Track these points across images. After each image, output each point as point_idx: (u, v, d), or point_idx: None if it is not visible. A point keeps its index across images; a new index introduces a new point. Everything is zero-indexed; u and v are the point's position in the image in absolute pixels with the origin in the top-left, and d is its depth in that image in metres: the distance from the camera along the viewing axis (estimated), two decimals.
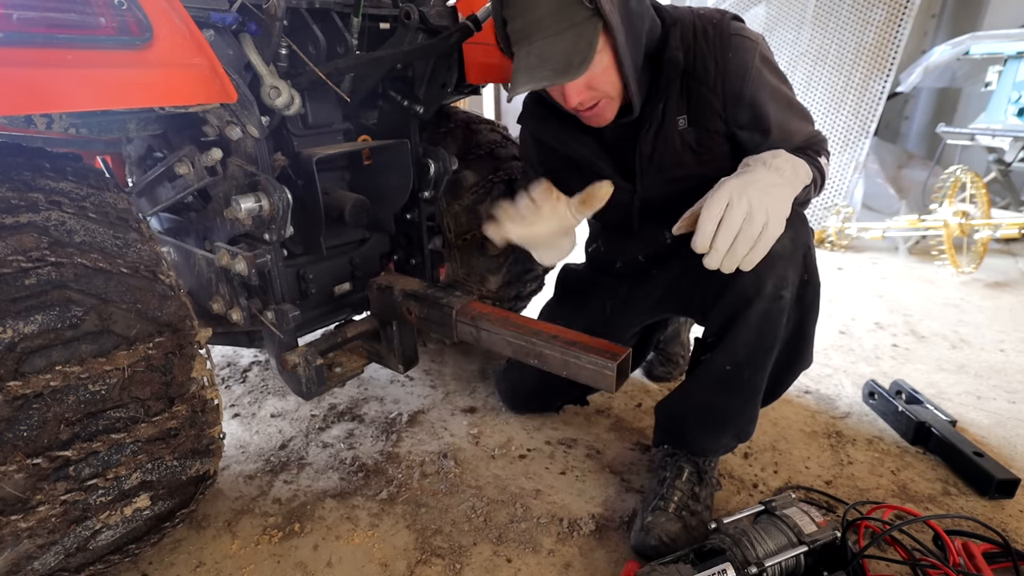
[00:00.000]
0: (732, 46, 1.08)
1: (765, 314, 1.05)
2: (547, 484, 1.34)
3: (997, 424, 1.53)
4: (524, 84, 0.98)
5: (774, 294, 1.04)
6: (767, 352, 1.09)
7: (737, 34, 1.08)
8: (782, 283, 1.03)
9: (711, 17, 1.11)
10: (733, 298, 1.07)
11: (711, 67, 1.09)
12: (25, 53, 0.72)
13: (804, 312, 1.08)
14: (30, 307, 0.79)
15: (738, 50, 1.08)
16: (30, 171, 0.90)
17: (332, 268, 1.41)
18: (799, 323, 1.09)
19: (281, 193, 1.04)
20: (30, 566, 0.85)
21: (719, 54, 1.08)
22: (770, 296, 1.04)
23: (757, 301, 1.04)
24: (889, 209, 3.32)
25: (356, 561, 1.13)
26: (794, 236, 1.03)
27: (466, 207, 1.61)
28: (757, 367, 1.10)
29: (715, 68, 1.09)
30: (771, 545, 0.98)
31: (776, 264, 1.02)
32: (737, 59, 1.08)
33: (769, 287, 1.03)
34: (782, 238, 0.98)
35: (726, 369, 1.11)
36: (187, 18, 0.85)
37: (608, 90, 1.05)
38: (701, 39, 1.09)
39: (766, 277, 1.03)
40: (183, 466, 0.99)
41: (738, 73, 1.08)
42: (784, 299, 1.04)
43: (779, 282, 1.03)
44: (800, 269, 1.05)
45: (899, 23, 3.00)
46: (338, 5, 1.20)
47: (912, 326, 2.17)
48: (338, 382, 1.31)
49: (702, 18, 1.11)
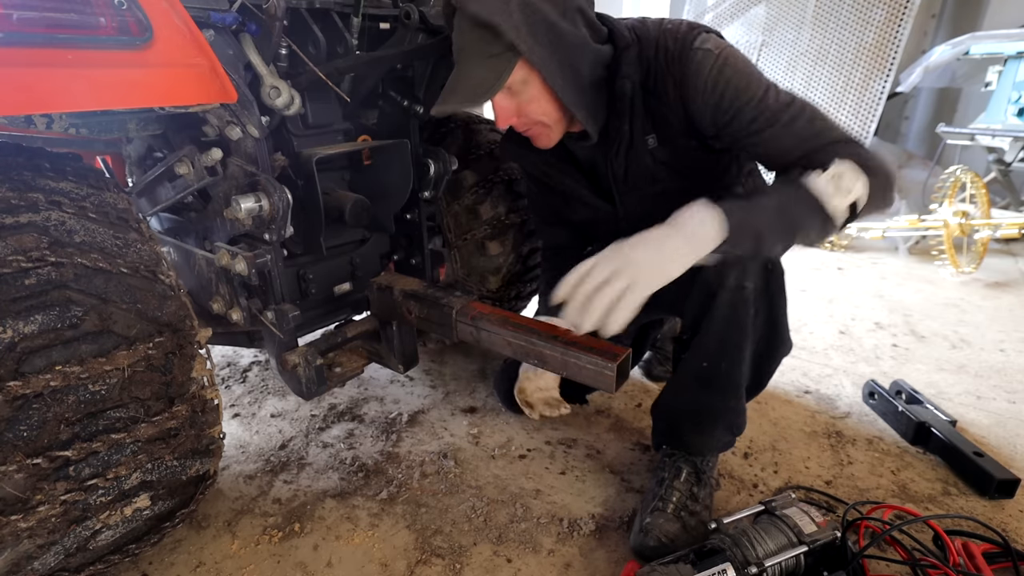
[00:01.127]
0: (693, 61, 1.03)
1: (731, 305, 1.06)
2: (547, 484, 1.34)
3: (997, 424, 1.53)
4: (440, 105, 1.03)
5: (736, 284, 1.05)
6: (739, 344, 1.09)
7: (699, 47, 1.03)
8: (743, 274, 1.04)
9: (675, 31, 1.06)
10: (699, 293, 1.09)
11: (669, 86, 1.06)
12: (25, 53, 0.72)
13: (771, 301, 1.09)
14: (30, 307, 0.79)
15: (699, 64, 1.03)
16: (30, 171, 0.90)
17: (332, 268, 1.41)
18: (769, 312, 1.09)
19: (281, 193, 1.04)
20: (30, 566, 0.85)
21: (678, 71, 1.05)
22: (732, 287, 1.05)
23: (721, 292, 1.05)
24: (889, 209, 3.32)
25: (356, 561, 1.13)
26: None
27: (466, 207, 1.61)
28: (733, 360, 1.10)
29: (673, 87, 1.06)
30: (771, 545, 0.98)
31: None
32: (697, 73, 1.03)
33: (731, 279, 1.05)
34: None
35: (703, 365, 1.12)
36: (187, 18, 0.85)
37: (540, 118, 1.08)
38: (661, 56, 1.06)
39: (727, 269, 1.04)
40: (183, 466, 0.99)
41: (696, 86, 1.04)
42: (747, 289, 1.05)
43: (740, 273, 1.04)
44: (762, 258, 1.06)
45: (899, 23, 3.00)
46: (338, 5, 1.20)
47: (912, 326, 2.17)
48: (338, 382, 1.31)
49: (667, 33, 1.07)
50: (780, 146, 1.03)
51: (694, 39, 1.04)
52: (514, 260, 1.69)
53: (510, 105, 1.06)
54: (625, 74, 1.07)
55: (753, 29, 3.55)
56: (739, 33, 3.61)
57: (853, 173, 0.93)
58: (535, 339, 0.99)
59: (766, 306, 1.08)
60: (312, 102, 1.25)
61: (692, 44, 1.03)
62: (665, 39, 1.06)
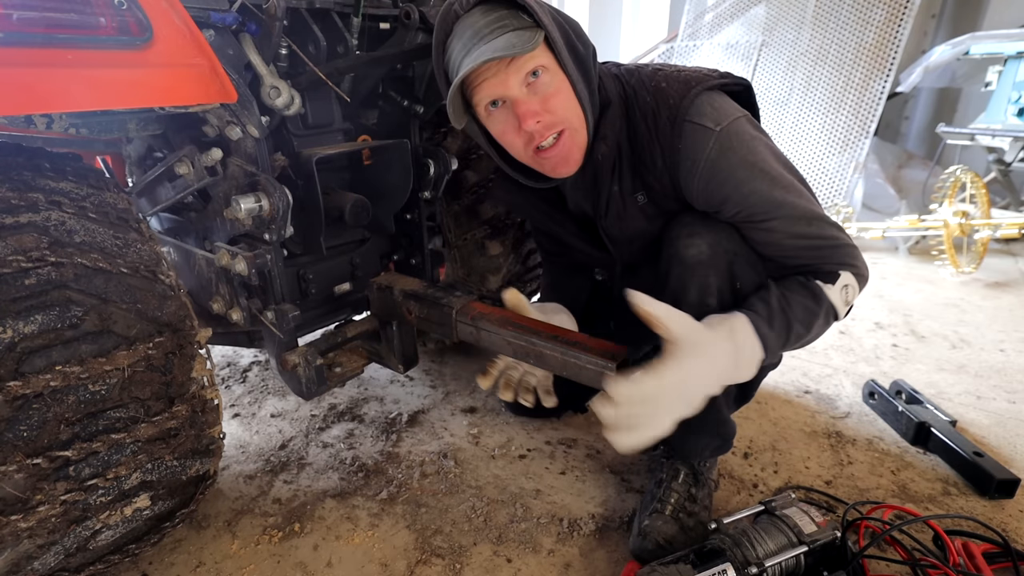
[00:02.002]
0: (683, 135, 0.97)
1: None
2: (547, 484, 1.34)
3: (997, 424, 1.53)
4: (466, 66, 0.91)
5: (699, 301, 1.01)
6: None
7: (690, 121, 0.96)
8: (706, 290, 1.01)
9: (669, 96, 0.99)
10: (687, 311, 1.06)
11: (657, 159, 1.01)
12: (25, 53, 0.72)
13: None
14: (30, 307, 0.79)
15: (693, 143, 0.96)
16: (30, 171, 0.90)
17: (332, 268, 1.41)
18: None
19: (281, 193, 1.04)
20: (30, 566, 0.85)
21: (667, 143, 0.99)
22: (694, 303, 1.01)
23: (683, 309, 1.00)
24: (889, 209, 3.32)
25: (356, 561, 1.13)
26: (713, 242, 1.00)
27: (466, 207, 1.61)
28: None
29: (662, 160, 1.00)
30: (771, 545, 0.98)
31: (696, 270, 1.01)
32: (687, 152, 0.97)
33: (692, 294, 1.02)
34: (699, 245, 1.00)
35: None
36: (187, 18, 0.85)
37: (567, 116, 0.98)
38: (650, 122, 1.00)
39: (688, 283, 1.02)
40: (183, 466, 0.99)
41: (687, 167, 0.98)
42: (710, 307, 1.00)
43: (703, 289, 1.01)
44: (727, 276, 1.01)
45: (899, 23, 3.00)
46: (338, 5, 1.20)
47: (912, 326, 2.17)
48: (338, 382, 1.31)
49: (660, 95, 0.99)
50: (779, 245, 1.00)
51: (688, 108, 0.97)
52: (514, 260, 1.69)
53: (533, 100, 0.95)
54: (603, 135, 1.01)
55: (753, 29, 3.55)
56: (739, 33, 3.61)
57: (855, 283, 0.99)
58: (535, 339, 0.99)
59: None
60: (312, 102, 1.26)
61: (686, 115, 0.97)
62: (657, 102, 0.99)
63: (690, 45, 3.79)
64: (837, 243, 0.98)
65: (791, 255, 1.01)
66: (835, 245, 0.98)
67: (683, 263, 1.02)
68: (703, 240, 1.00)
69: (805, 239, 0.98)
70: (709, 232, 1.01)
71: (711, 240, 1.01)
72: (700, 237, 1.01)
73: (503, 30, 0.92)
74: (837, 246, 0.98)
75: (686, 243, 1.02)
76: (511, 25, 0.93)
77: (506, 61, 0.93)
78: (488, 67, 0.94)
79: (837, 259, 0.98)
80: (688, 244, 1.02)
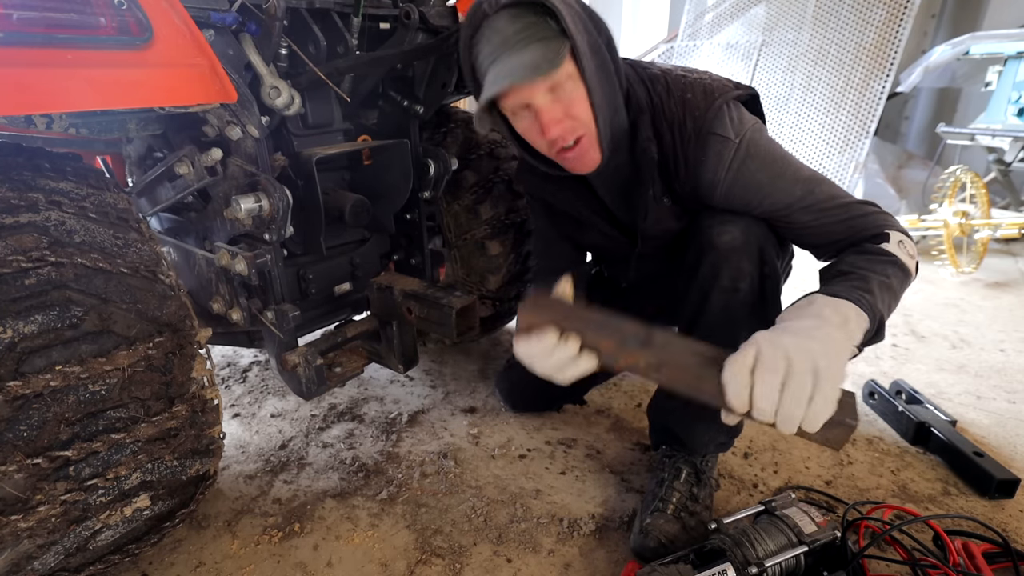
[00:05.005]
0: (710, 148, 1.00)
1: (724, 307, 1.06)
2: (547, 484, 1.34)
3: (997, 424, 1.53)
4: (492, 87, 0.94)
5: (730, 286, 1.04)
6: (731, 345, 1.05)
7: (714, 133, 0.99)
8: (738, 274, 1.04)
9: (695, 106, 1.01)
10: (694, 293, 1.09)
11: (682, 168, 1.04)
12: (25, 53, 0.72)
13: (765, 303, 1.08)
14: (30, 307, 0.79)
15: (717, 155, 1.00)
16: (30, 171, 0.90)
17: (332, 268, 1.41)
18: (763, 315, 1.08)
19: (281, 193, 1.04)
20: (30, 566, 0.85)
21: (692, 154, 1.02)
22: (726, 288, 1.04)
23: (713, 294, 1.05)
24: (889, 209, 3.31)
25: (356, 561, 1.13)
26: (745, 229, 1.03)
27: (466, 207, 1.61)
28: None
29: (685, 169, 1.04)
30: (771, 545, 0.98)
31: (730, 256, 1.04)
32: (710, 163, 1.01)
33: (724, 279, 1.04)
34: (732, 232, 1.02)
35: None
36: (187, 18, 0.85)
37: (588, 120, 1.00)
38: (677, 134, 1.02)
39: (721, 269, 1.04)
40: (183, 466, 0.99)
41: (709, 178, 1.02)
42: (741, 291, 1.04)
43: (735, 273, 1.04)
44: (757, 262, 1.04)
45: (899, 23, 3.00)
46: (338, 5, 1.20)
47: (912, 326, 2.17)
48: (338, 382, 1.31)
49: (686, 105, 1.02)
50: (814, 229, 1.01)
51: (713, 120, 0.99)
52: (514, 260, 1.69)
53: (557, 108, 0.97)
54: (647, 137, 1.04)
55: (753, 29, 3.55)
56: (739, 33, 3.61)
57: (908, 240, 0.94)
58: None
59: (761, 310, 1.08)
60: (312, 102, 1.26)
61: (712, 127, 0.99)
62: (684, 115, 1.02)
63: (690, 45, 3.79)
64: (867, 212, 0.97)
65: (829, 235, 1.00)
66: (867, 213, 0.97)
67: (716, 249, 1.04)
68: (736, 227, 1.03)
69: (838, 217, 0.98)
70: (740, 219, 1.04)
71: (743, 227, 1.03)
72: (733, 224, 1.04)
73: (530, 39, 0.93)
74: (869, 214, 0.97)
75: (719, 231, 1.05)
76: (538, 34, 0.93)
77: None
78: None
79: (875, 224, 0.96)
80: (721, 231, 1.04)
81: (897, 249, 0.91)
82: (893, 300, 0.89)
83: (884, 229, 0.95)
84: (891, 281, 0.88)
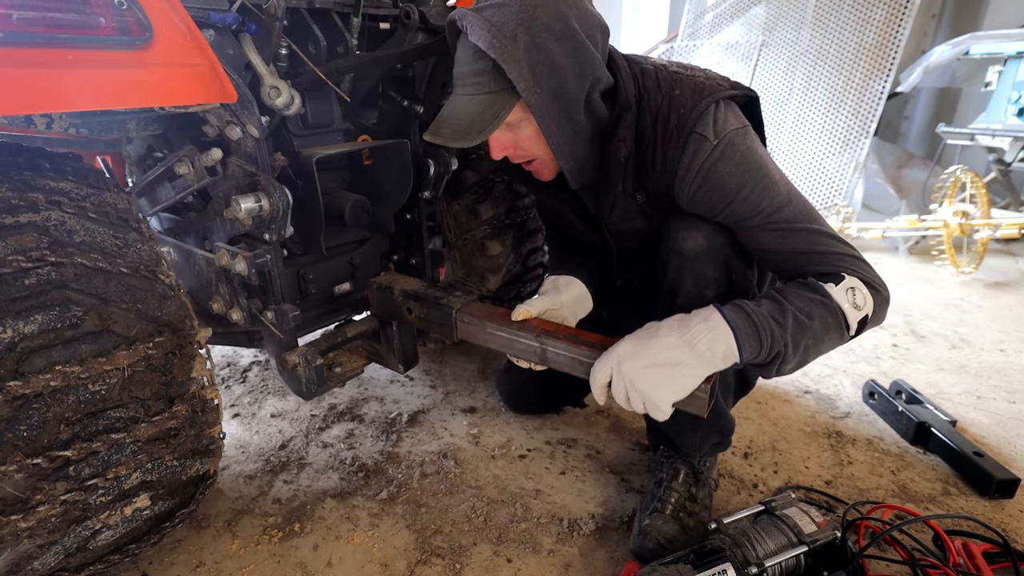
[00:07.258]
0: (687, 145, 0.97)
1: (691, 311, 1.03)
2: (547, 484, 1.34)
3: (997, 424, 1.53)
4: (431, 135, 0.99)
5: (695, 293, 1.03)
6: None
7: (695, 132, 0.96)
8: (702, 281, 1.03)
9: (682, 103, 0.98)
10: (664, 295, 1.09)
11: (658, 163, 1.01)
12: (25, 53, 0.72)
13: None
14: (30, 307, 0.79)
15: (692, 153, 0.97)
16: (30, 171, 0.90)
17: (332, 268, 1.41)
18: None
19: (281, 193, 1.04)
20: (30, 566, 0.85)
21: (670, 150, 0.99)
22: (690, 295, 1.03)
23: (678, 300, 1.05)
24: (889, 209, 3.32)
25: (356, 561, 1.13)
26: (710, 236, 1.02)
27: (466, 207, 1.61)
28: None
29: (661, 165, 1.01)
30: (771, 545, 0.98)
31: (694, 264, 1.03)
32: (684, 161, 0.98)
33: (688, 285, 1.04)
34: (697, 238, 1.02)
35: None
36: (187, 18, 0.85)
37: (539, 153, 1.04)
38: (660, 128, 1.00)
39: (685, 276, 1.04)
40: (183, 466, 0.99)
41: (681, 175, 0.99)
42: (707, 298, 1.01)
43: (699, 280, 1.03)
44: (723, 270, 1.03)
45: (899, 23, 3.00)
46: (338, 5, 1.20)
47: (912, 326, 2.17)
48: (338, 382, 1.31)
49: (673, 101, 0.99)
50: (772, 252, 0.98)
51: (697, 119, 0.96)
52: (514, 260, 1.69)
53: (506, 138, 1.01)
54: (621, 137, 1.02)
55: (753, 29, 3.55)
56: (739, 33, 3.61)
57: (865, 290, 0.91)
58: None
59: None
60: (312, 102, 1.25)
61: (694, 126, 0.96)
62: (668, 111, 0.99)
63: (690, 45, 3.79)
64: (832, 250, 0.94)
65: (786, 264, 0.98)
66: (831, 252, 0.94)
67: (681, 255, 1.04)
68: (701, 233, 1.02)
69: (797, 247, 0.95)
70: (707, 226, 1.03)
71: (708, 233, 1.02)
72: (698, 230, 1.03)
73: (479, 89, 0.95)
74: (833, 252, 0.94)
75: (684, 236, 1.04)
76: (486, 87, 0.94)
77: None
78: None
79: (837, 264, 0.94)
80: (686, 237, 1.04)
81: (841, 295, 0.89)
82: (810, 340, 0.89)
83: (841, 271, 0.92)
84: (812, 323, 0.88)
